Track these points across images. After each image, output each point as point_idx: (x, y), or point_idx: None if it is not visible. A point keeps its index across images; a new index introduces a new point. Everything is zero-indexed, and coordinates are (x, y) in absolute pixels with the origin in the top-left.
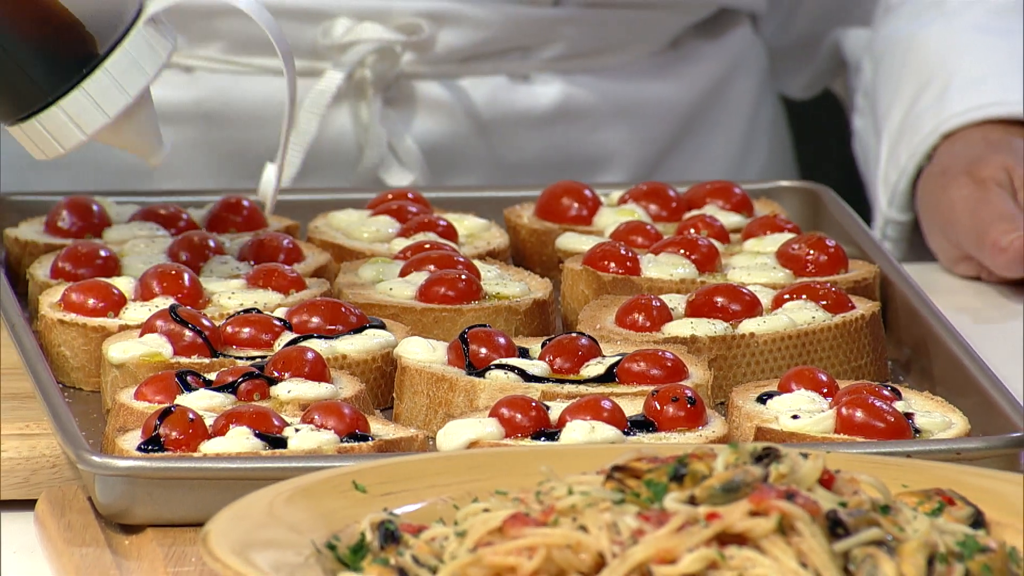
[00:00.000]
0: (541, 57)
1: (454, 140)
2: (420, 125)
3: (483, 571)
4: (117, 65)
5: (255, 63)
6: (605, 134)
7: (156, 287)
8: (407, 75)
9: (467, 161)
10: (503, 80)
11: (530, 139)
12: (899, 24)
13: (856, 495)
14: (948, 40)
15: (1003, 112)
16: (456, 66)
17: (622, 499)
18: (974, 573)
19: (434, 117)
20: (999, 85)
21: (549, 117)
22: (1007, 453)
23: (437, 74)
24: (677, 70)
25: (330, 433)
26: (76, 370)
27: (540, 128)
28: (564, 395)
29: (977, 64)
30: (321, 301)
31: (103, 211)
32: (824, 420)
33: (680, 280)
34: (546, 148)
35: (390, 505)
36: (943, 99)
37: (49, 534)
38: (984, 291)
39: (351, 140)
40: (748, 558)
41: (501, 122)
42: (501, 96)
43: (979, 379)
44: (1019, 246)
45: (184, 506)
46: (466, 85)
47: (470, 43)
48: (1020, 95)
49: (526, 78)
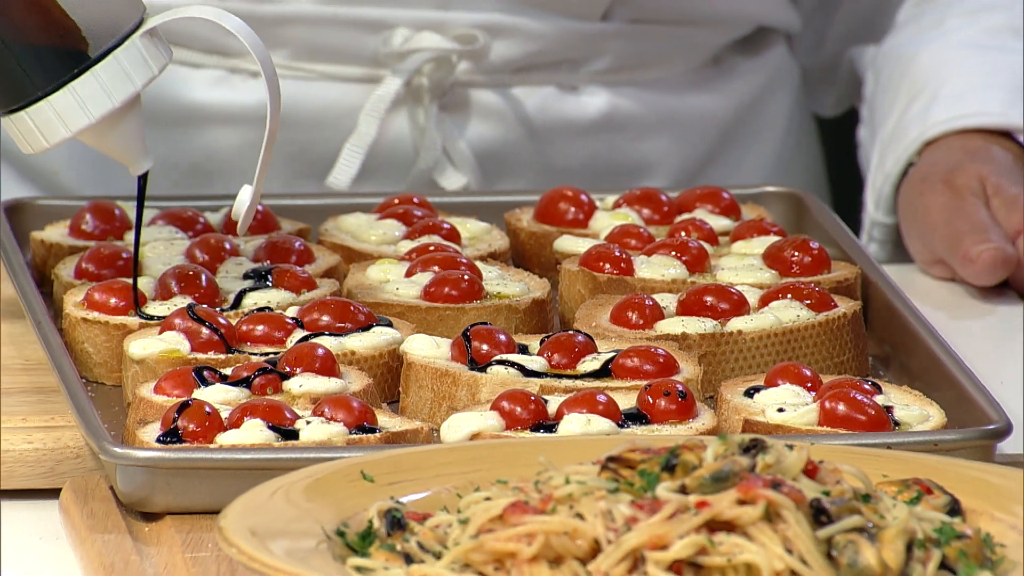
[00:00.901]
0: (589, 69)
1: (505, 146)
2: (473, 131)
3: (485, 557)
4: (107, 71)
5: (318, 69)
6: (648, 143)
7: (175, 287)
8: (462, 83)
9: (517, 165)
10: (552, 90)
11: (577, 146)
12: (901, 40)
13: (839, 484)
14: (942, 55)
15: (982, 122)
16: (509, 76)
17: (616, 488)
18: (950, 558)
19: (487, 123)
20: (982, 97)
21: (595, 126)
22: (982, 444)
23: (490, 83)
24: (717, 84)
25: (339, 425)
26: (99, 365)
27: (586, 136)
28: (561, 389)
29: (965, 77)
30: (331, 300)
31: (124, 215)
32: (808, 413)
33: (671, 280)
34: (592, 155)
35: (396, 494)
36: (929, 109)
37: (73, 521)
38: (959, 291)
39: (408, 143)
40: (736, 544)
41: (550, 130)
42: (550, 105)
43: (955, 374)
44: (987, 258)
45: (201, 495)
46: (518, 94)
47: (522, 54)
48: (1002, 107)
49: (574, 89)
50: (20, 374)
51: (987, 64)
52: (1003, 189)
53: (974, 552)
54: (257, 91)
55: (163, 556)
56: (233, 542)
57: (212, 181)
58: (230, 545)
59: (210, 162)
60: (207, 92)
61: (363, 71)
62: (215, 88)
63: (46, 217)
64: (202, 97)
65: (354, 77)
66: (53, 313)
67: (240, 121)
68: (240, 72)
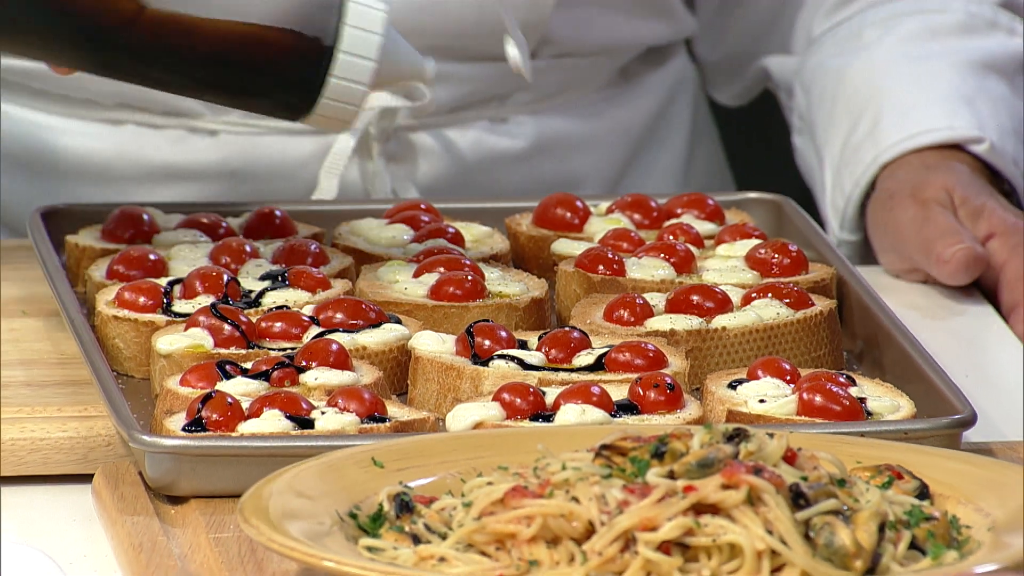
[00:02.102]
0: (515, 102)
1: (449, 179)
2: (419, 170)
3: (487, 537)
4: (353, 16)
5: (271, 124)
6: (574, 161)
7: (199, 287)
8: (403, 127)
9: (463, 196)
10: (485, 124)
11: (511, 173)
12: (823, 57)
13: (816, 470)
14: (872, 71)
15: (933, 139)
16: (444, 117)
17: (609, 474)
18: (920, 539)
19: (428, 162)
20: (926, 113)
21: (526, 152)
22: (949, 433)
23: (428, 124)
24: (627, 98)
25: (352, 415)
26: (128, 360)
27: (519, 163)
28: (558, 382)
29: (903, 94)
30: (344, 299)
31: (152, 220)
32: (787, 404)
33: (660, 281)
34: (526, 179)
35: (405, 479)
36: (877, 131)
37: (104, 504)
38: (929, 291)
39: (359, 191)
40: (721, 526)
41: (486, 160)
42: (484, 138)
43: (924, 368)
44: (960, 258)
45: (223, 480)
46: (452, 133)
47: (456, 96)
48: (946, 120)
49: (504, 120)
50: (55, 368)
51: (918, 76)
52: (969, 200)
53: (942, 533)
54: (212, 150)
55: (188, 536)
56: (253, 523)
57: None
58: (250, 526)
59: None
60: (168, 151)
61: (316, 135)
62: (175, 147)
63: (79, 222)
64: (164, 156)
65: (306, 130)
66: (86, 311)
67: (200, 178)
68: (199, 132)
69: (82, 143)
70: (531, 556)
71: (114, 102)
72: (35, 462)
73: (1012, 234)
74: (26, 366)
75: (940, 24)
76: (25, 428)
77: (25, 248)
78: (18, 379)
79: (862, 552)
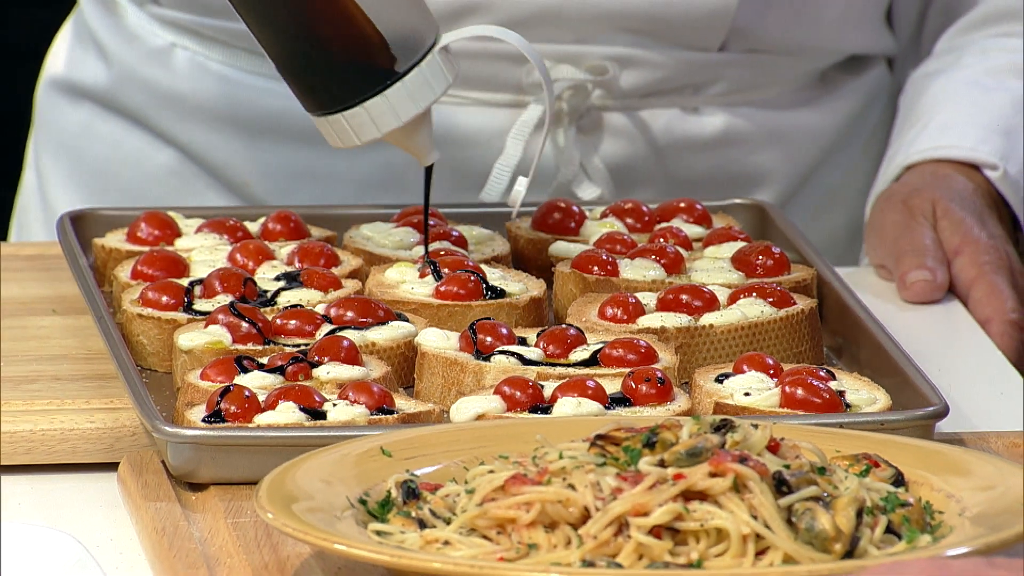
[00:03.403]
0: (707, 93)
1: (635, 161)
2: (607, 148)
3: (488, 522)
4: (414, 80)
5: (471, 96)
6: (760, 156)
7: (218, 287)
8: (596, 107)
9: (645, 178)
10: (676, 112)
11: (698, 160)
12: (927, 69)
13: (798, 459)
14: (945, 89)
15: (952, 154)
16: (637, 100)
17: (604, 462)
18: (895, 523)
19: (618, 142)
20: (961, 131)
21: (713, 142)
22: (923, 424)
23: (621, 107)
24: (822, 102)
25: (362, 408)
26: (152, 355)
27: (706, 151)
28: (556, 376)
29: (955, 112)
30: (355, 298)
31: (175, 223)
32: (771, 397)
33: (652, 281)
34: (711, 168)
35: (412, 467)
36: (917, 137)
37: (129, 491)
38: None
39: (549, 160)
40: (708, 511)
41: (674, 146)
42: (674, 125)
43: (899, 363)
44: (917, 289)
45: (241, 468)
46: (645, 116)
47: (649, 82)
48: (974, 142)
49: (695, 110)
50: (84, 363)
51: (978, 102)
52: (951, 212)
53: (916, 518)
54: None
55: (208, 521)
56: (269, 509)
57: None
58: (266, 512)
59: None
60: None
61: (509, 97)
62: None
63: (106, 225)
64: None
65: (501, 103)
66: (112, 309)
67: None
68: None
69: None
70: (530, 540)
71: None
72: (64, 451)
73: (982, 252)
74: (56, 361)
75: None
76: (55, 419)
77: (55, 251)
78: (49, 373)
79: (841, 536)
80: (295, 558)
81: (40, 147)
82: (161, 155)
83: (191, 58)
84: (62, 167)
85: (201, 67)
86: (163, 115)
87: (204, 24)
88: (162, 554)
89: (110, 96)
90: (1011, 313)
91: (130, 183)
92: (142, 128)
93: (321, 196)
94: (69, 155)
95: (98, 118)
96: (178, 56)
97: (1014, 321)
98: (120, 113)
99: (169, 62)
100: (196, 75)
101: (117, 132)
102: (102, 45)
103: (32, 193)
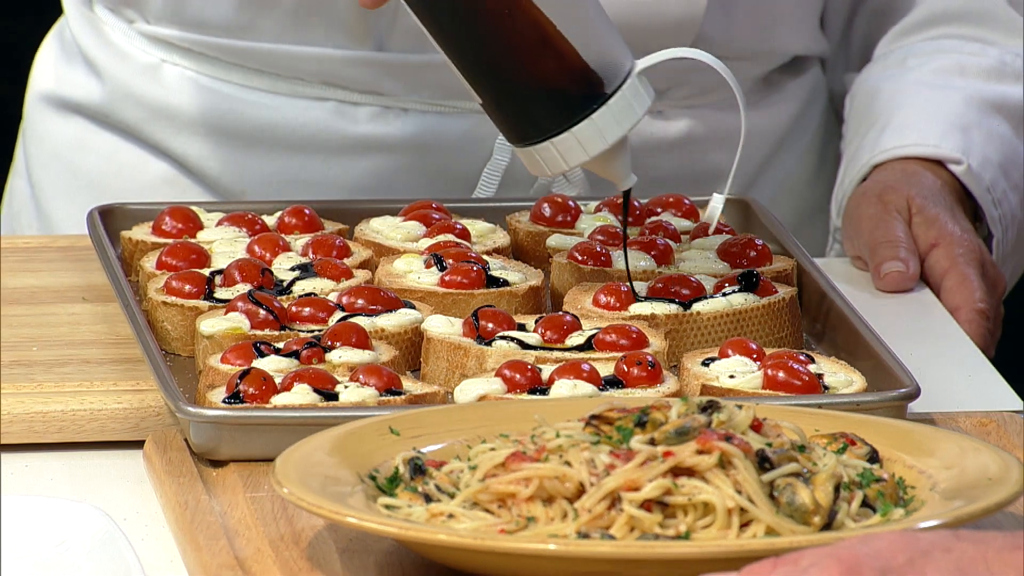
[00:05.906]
0: (672, 97)
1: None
2: None
3: (490, 496)
4: (618, 103)
5: (456, 105)
6: (717, 156)
7: (237, 276)
8: None
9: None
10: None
11: (663, 161)
12: (872, 74)
13: (779, 437)
14: (898, 90)
15: (919, 151)
16: None
17: (598, 440)
18: (871, 498)
19: None
20: (922, 130)
21: (678, 143)
22: (896, 405)
23: None
24: (769, 102)
25: (372, 389)
26: (175, 340)
27: (672, 152)
28: (553, 360)
29: (912, 112)
30: (365, 287)
31: (197, 217)
32: (754, 379)
33: (643, 271)
34: (675, 168)
35: (418, 445)
36: (879, 137)
37: (154, 467)
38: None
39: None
40: (696, 486)
41: (642, 148)
42: (642, 128)
43: (874, 347)
44: (891, 279)
45: (259, 446)
46: None
47: None
48: (937, 139)
49: (661, 113)
50: (112, 347)
51: (932, 101)
52: (925, 208)
53: (890, 493)
54: (406, 125)
55: (227, 496)
56: (284, 484)
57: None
58: (282, 487)
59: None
60: (366, 126)
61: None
62: (372, 122)
63: (133, 219)
64: (363, 130)
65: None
66: (138, 297)
67: (393, 150)
68: (393, 109)
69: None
70: (529, 513)
71: (319, 80)
72: (93, 430)
73: (956, 245)
74: (86, 346)
75: (971, 64)
76: (84, 400)
77: (85, 243)
78: (79, 357)
79: (820, 509)
80: (309, 530)
81: (31, 159)
82: (156, 167)
83: (181, 73)
84: (57, 178)
85: (192, 82)
86: (156, 129)
87: (192, 39)
88: (185, 526)
89: (104, 112)
90: (979, 303)
91: (126, 194)
92: (136, 141)
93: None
94: (63, 167)
95: (91, 132)
96: (168, 72)
97: (982, 310)
98: (113, 127)
99: (160, 77)
100: (187, 90)
101: (111, 145)
102: (93, 62)
103: (25, 201)
